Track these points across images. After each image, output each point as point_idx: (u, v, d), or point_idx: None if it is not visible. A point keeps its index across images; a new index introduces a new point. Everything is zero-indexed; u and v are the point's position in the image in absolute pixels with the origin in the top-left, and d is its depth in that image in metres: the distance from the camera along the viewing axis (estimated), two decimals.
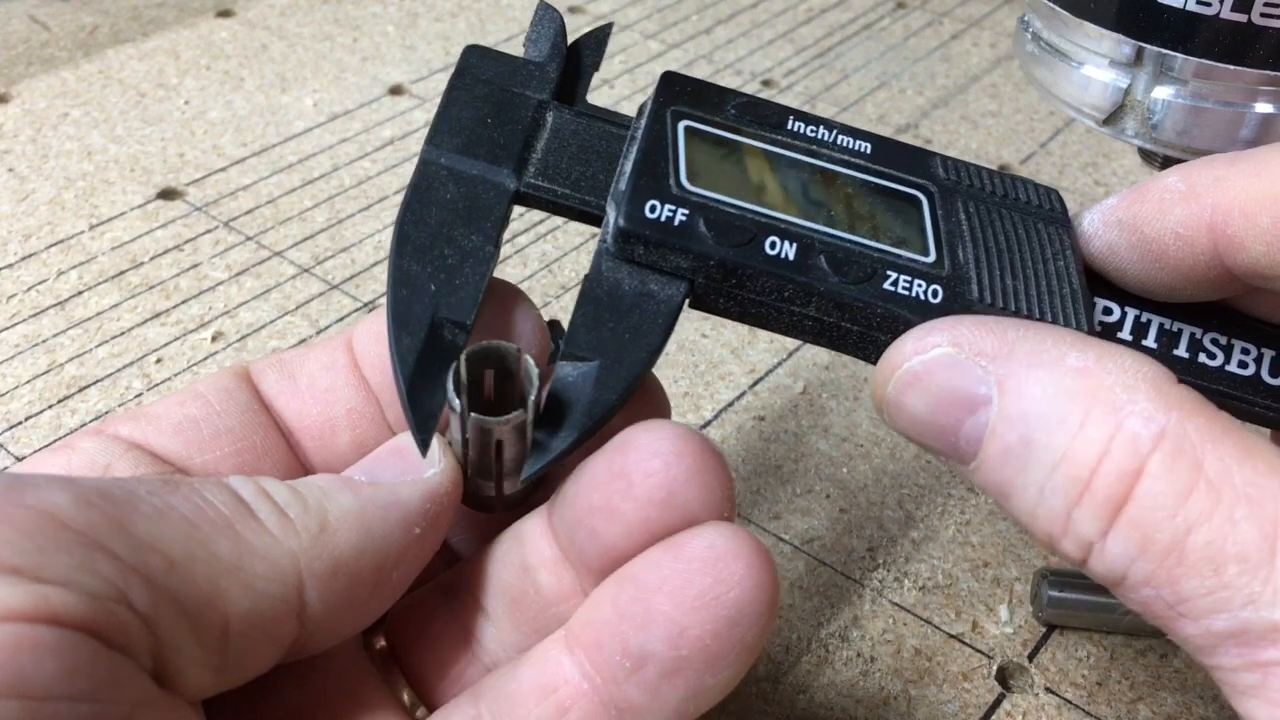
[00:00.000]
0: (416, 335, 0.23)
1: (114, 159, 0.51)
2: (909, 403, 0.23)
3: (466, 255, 0.24)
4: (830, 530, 0.36)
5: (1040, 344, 0.22)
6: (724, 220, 0.24)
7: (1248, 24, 0.31)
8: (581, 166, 0.26)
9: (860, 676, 0.32)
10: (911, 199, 0.26)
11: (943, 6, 0.65)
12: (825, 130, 0.26)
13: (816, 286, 0.24)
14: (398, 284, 0.24)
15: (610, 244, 0.24)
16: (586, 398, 0.23)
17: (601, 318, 0.24)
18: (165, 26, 0.62)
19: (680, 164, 0.25)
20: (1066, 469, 0.21)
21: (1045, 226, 0.26)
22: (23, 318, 0.43)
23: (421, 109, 0.55)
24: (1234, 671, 0.20)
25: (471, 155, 0.25)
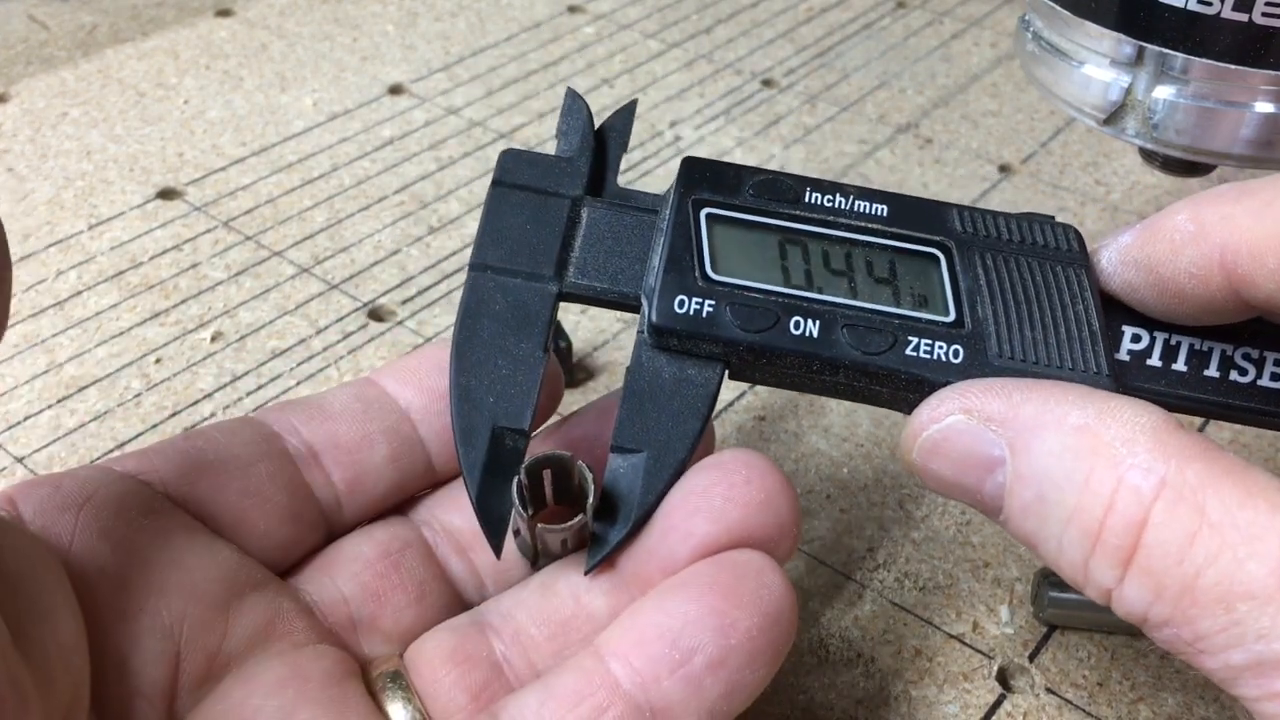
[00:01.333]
0: (480, 448, 0.25)
1: (113, 158, 0.51)
2: (934, 468, 0.24)
3: (519, 363, 0.26)
4: (830, 530, 0.36)
5: (1044, 405, 0.23)
6: (748, 306, 0.26)
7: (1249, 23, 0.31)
8: (617, 260, 0.27)
9: (860, 676, 0.32)
10: (930, 257, 0.27)
11: (943, 6, 0.65)
12: (842, 198, 0.28)
13: (842, 360, 0.25)
14: (460, 400, 0.26)
15: (648, 336, 0.26)
16: (638, 489, 0.25)
17: (645, 409, 0.26)
18: (164, 26, 0.62)
19: (705, 253, 0.26)
20: (1078, 523, 0.22)
21: (1064, 269, 0.26)
22: (22, 318, 0.43)
23: (421, 108, 0.55)
24: (1257, 701, 0.20)
25: (515, 266, 0.27)
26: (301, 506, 0.28)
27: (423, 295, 0.44)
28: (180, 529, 0.26)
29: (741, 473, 0.26)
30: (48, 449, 0.38)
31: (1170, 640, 0.21)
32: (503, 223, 0.27)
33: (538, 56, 0.60)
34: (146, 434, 0.38)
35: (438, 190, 0.50)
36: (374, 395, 0.29)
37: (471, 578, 0.29)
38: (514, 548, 0.27)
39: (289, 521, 0.27)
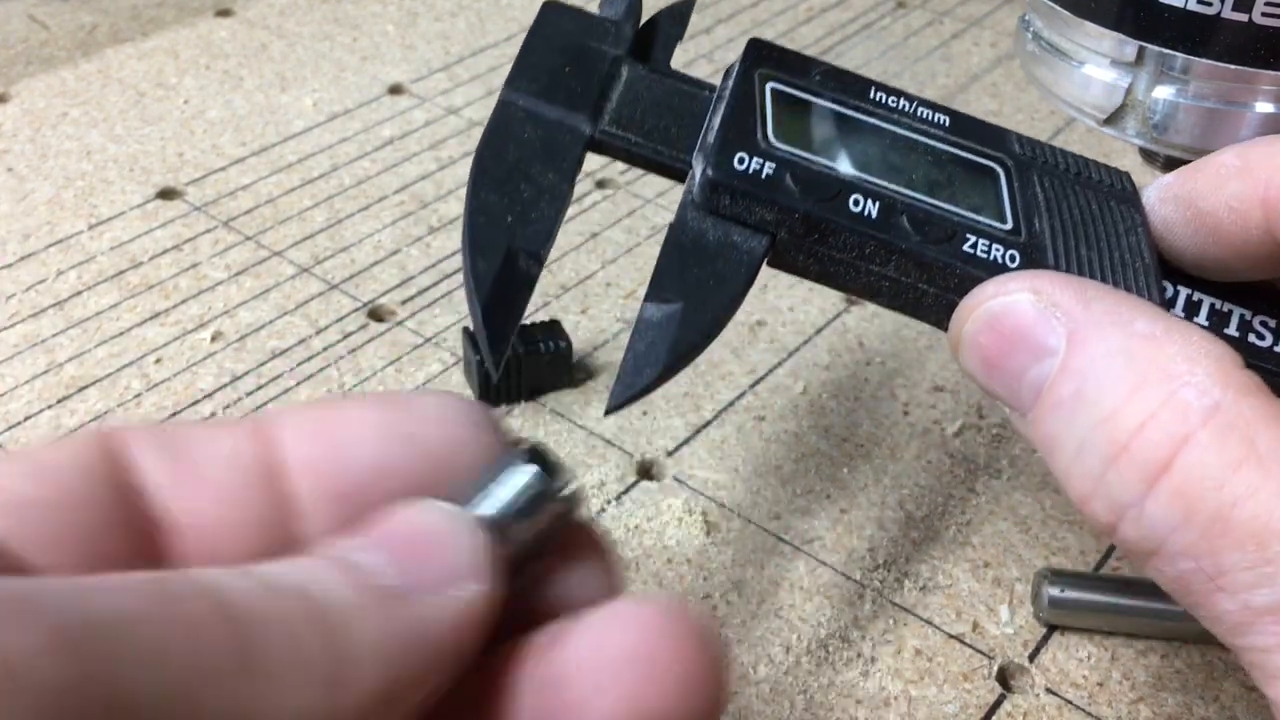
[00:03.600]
0: (493, 262, 0.24)
1: (113, 158, 0.51)
2: (982, 342, 0.23)
3: (542, 191, 0.25)
4: (830, 530, 0.36)
5: (1115, 306, 0.22)
6: (809, 176, 0.25)
7: (1249, 23, 0.31)
8: (654, 119, 0.26)
9: (860, 676, 0.32)
10: (988, 170, 0.26)
11: (943, 6, 0.65)
12: (906, 101, 0.27)
13: (898, 244, 0.24)
14: (475, 212, 0.25)
15: (696, 195, 0.25)
16: (671, 336, 0.24)
17: (685, 264, 0.24)
18: (164, 26, 0.62)
19: (768, 121, 0.25)
20: (1108, 429, 0.21)
21: (1118, 204, 0.26)
22: (22, 318, 0.43)
23: (421, 108, 0.55)
24: (1268, 653, 0.19)
25: (548, 100, 0.26)
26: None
27: (423, 295, 0.44)
28: None
29: (666, 646, 0.19)
30: None
31: (1185, 574, 0.20)
32: (539, 62, 0.27)
33: None
34: None
35: (438, 190, 0.50)
36: (262, 462, 0.21)
37: None
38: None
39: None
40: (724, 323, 0.25)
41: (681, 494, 0.37)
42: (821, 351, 0.42)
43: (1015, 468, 0.38)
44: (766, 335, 0.43)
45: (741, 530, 0.36)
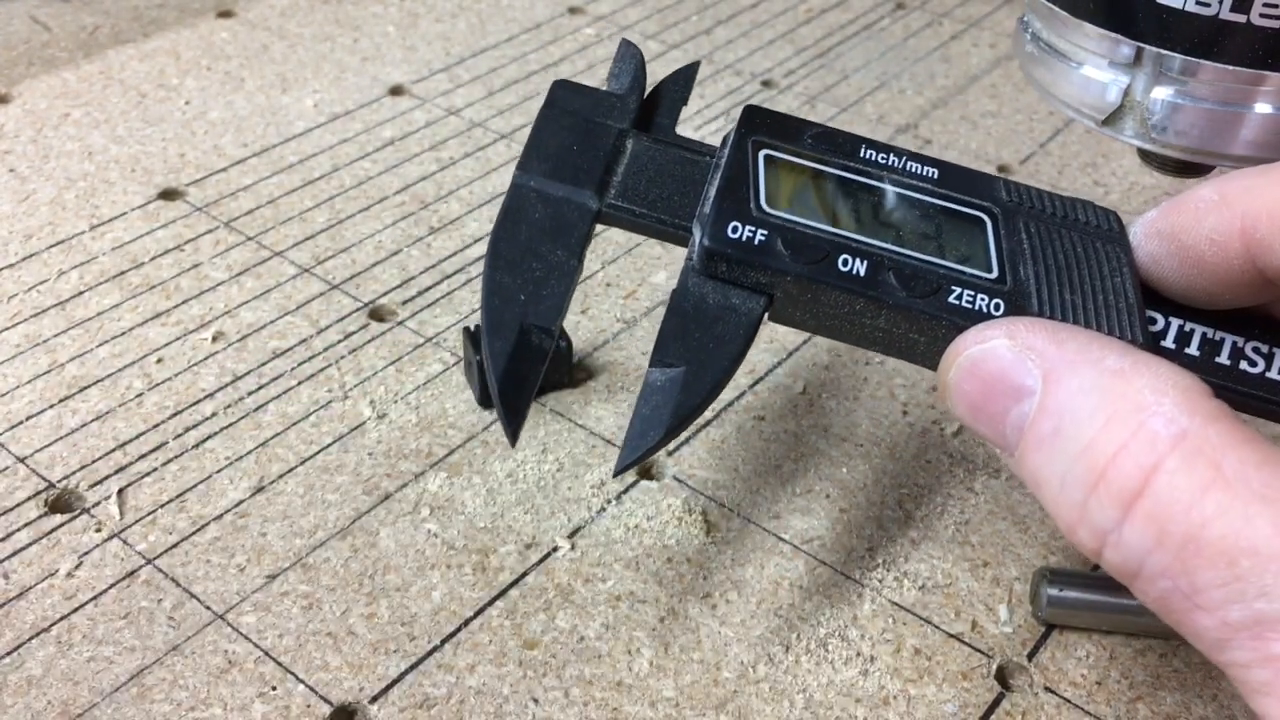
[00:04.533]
0: (508, 340, 0.26)
1: (115, 159, 0.51)
2: (966, 389, 0.24)
3: (552, 269, 0.27)
4: (830, 530, 0.36)
5: (1086, 345, 0.23)
6: (800, 239, 0.26)
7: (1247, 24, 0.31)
8: (659, 189, 0.28)
9: (860, 676, 0.32)
10: (976, 220, 0.27)
11: (942, 7, 0.65)
12: (895, 157, 0.28)
13: (886, 300, 0.26)
14: (491, 294, 0.26)
15: (696, 261, 0.26)
16: (674, 400, 0.25)
17: (687, 329, 0.26)
18: (166, 27, 0.62)
19: (760, 189, 0.27)
20: (1086, 459, 0.22)
21: (1103, 245, 0.27)
22: (24, 318, 0.43)
23: (421, 109, 0.55)
24: (1248, 668, 0.20)
25: (557, 179, 0.28)
26: None
27: (423, 295, 0.44)
28: None
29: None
30: (49, 449, 0.38)
31: (1165, 595, 0.21)
32: (548, 141, 0.28)
33: (538, 58, 0.60)
34: (148, 433, 0.38)
35: (438, 191, 0.50)
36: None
37: None
38: None
39: None
40: (724, 384, 0.26)
41: (681, 493, 0.37)
42: (821, 351, 0.42)
43: None
44: (766, 335, 0.43)
45: (741, 530, 0.36)
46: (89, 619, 0.33)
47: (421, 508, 0.36)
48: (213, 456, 0.38)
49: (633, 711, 0.31)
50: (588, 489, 0.37)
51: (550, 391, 0.40)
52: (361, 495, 0.37)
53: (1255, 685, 0.20)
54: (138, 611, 0.33)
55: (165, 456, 0.38)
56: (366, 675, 0.32)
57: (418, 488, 0.37)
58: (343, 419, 0.39)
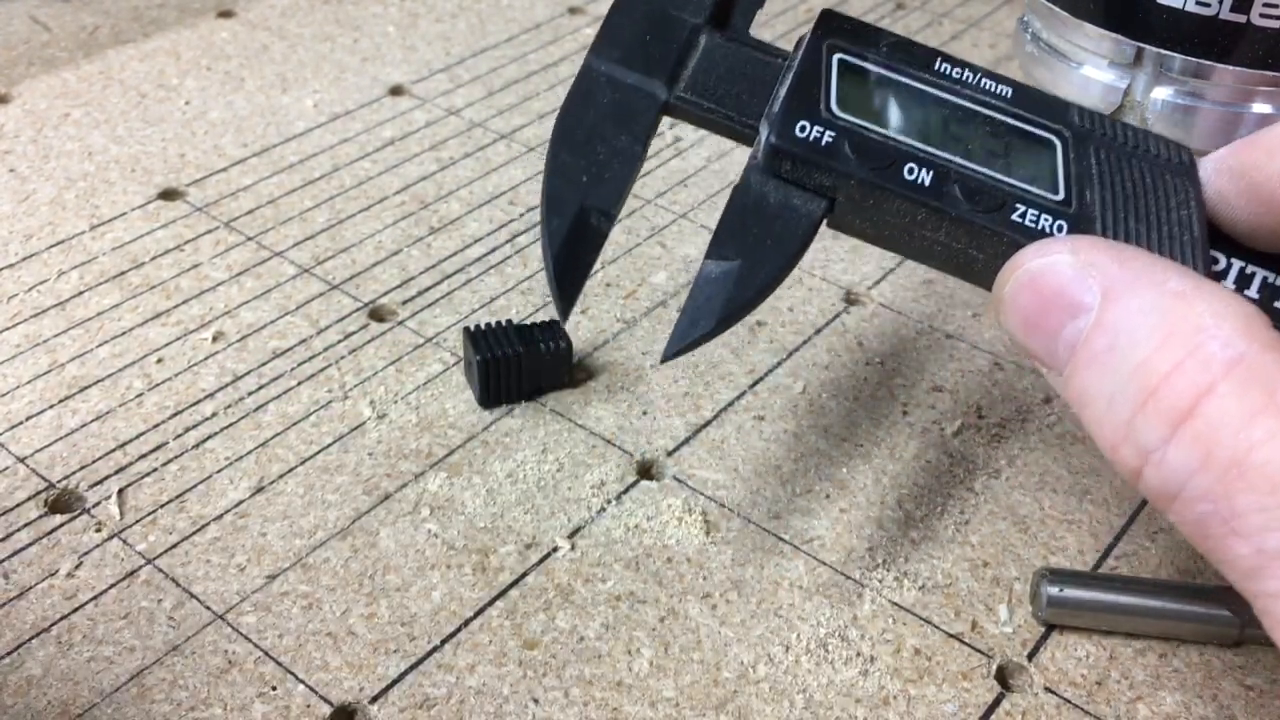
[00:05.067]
0: (566, 218, 0.26)
1: (115, 159, 0.51)
2: (1022, 301, 0.24)
3: (616, 153, 0.27)
4: (830, 530, 0.36)
5: (1149, 265, 0.23)
6: (867, 144, 0.26)
7: (1246, 24, 0.31)
8: (728, 86, 0.28)
9: (860, 676, 0.32)
10: (1045, 141, 0.27)
11: (942, 7, 0.65)
12: (970, 73, 0.28)
13: (949, 212, 0.26)
14: (553, 173, 0.26)
15: (761, 159, 0.26)
16: (728, 292, 0.25)
17: (746, 224, 0.26)
18: (166, 27, 0.62)
19: (832, 91, 0.27)
20: (1138, 378, 0.22)
21: (1172, 177, 0.27)
22: (24, 318, 0.43)
23: (422, 109, 0.55)
24: (1277, 598, 0.20)
25: (628, 66, 0.27)
26: None
27: (423, 295, 0.44)
28: None
29: None
30: (49, 449, 0.38)
31: (1203, 518, 0.21)
32: (622, 28, 0.28)
33: (538, 58, 0.60)
34: (148, 433, 0.38)
35: (438, 191, 0.50)
36: None
37: None
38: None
39: None
40: (779, 281, 0.26)
41: (681, 494, 0.37)
42: (821, 351, 0.42)
43: (1014, 468, 0.38)
44: (766, 335, 0.43)
45: (741, 530, 0.36)
46: (89, 619, 0.33)
47: (421, 508, 0.36)
48: (213, 456, 0.38)
49: (633, 711, 0.31)
50: (588, 489, 0.37)
51: (550, 391, 0.40)
52: (361, 495, 0.37)
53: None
54: (138, 611, 0.33)
55: (165, 456, 0.38)
56: (366, 675, 0.32)
57: (418, 488, 0.37)
58: (343, 419, 0.39)
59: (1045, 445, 0.39)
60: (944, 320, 0.44)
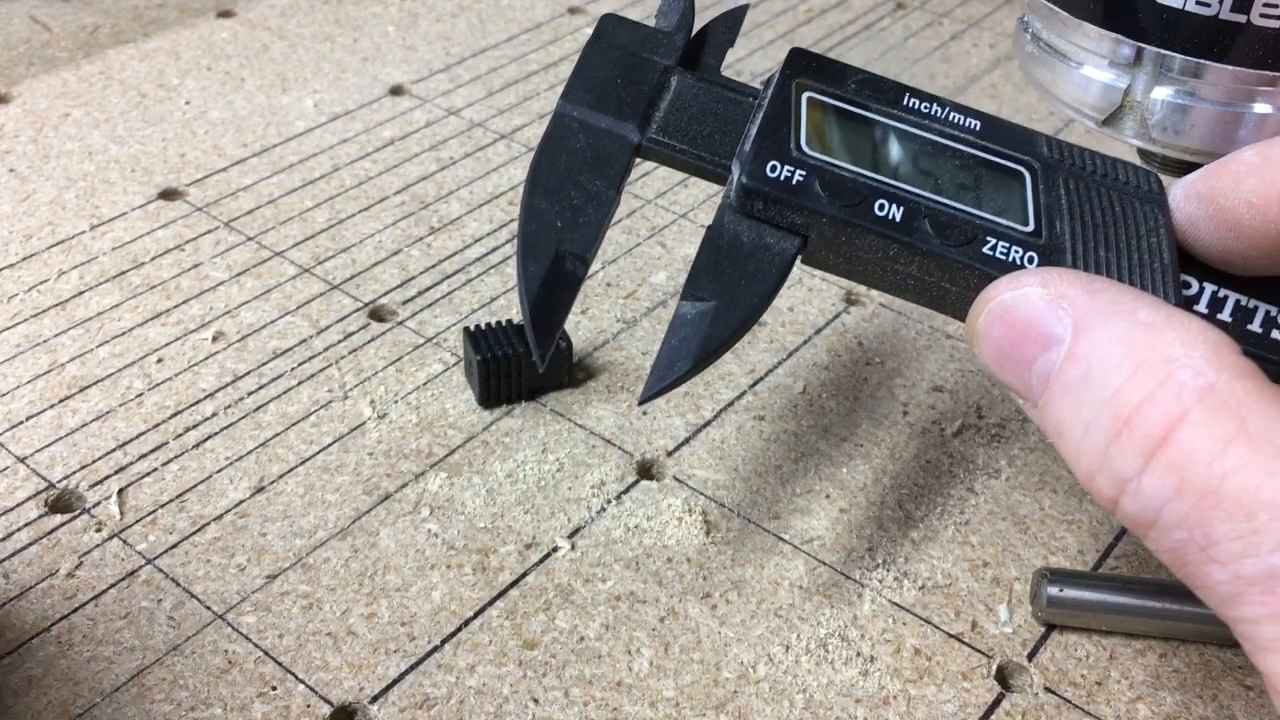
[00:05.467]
0: (542, 264, 0.26)
1: (115, 159, 0.51)
2: (995, 334, 0.24)
3: (590, 198, 0.27)
4: (830, 530, 0.36)
5: (1119, 296, 0.23)
6: (838, 182, 0.26)
7: (1247, 24, 0.31)
8: (700, 126, 0.28)
9: (860, 676, 0.32)
10: (1015, 173, 0.27)
11: (942, 7, 0.65)
12: (939, 107, 0.28)
13: (920, 247, 0.26)
14: (528, 219, 0.26)
15: (733, 199, 0.26)
16: (704, 333, 0.26)
17: (720, 264, 0.26)
18: (166, 27, 0.62)
19: (801, 130, 0.27)
20: (1112, 407, 0.22)
21: (1142, 205, 0.27)
22: (24, 318, 0.43)
23: (422, 109, 0.55)
24: (1256, 624, 0.20)
25: (600, 110, 0.28)
26: None
27: (423, 295, 0.44)
28: None
29: None
30: (50, 448, 0.38)
31: (1180, 545, 0.21)
32: (593, 73, 0.28)
33: (538, 58, 0.60)
34: (148, 433, 0.38)
35: (438, 191, 0.50)
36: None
37: None
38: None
39: None
40: (754, 320, 0.26)
41: (681, 494, 0.37)
42: (821, 351, 0.42)
43: (1014, 468, 0.38)
44: (766, 335, 0.43)
45: (741, 530, 0.36)
46: (89, 619, 0.33)
47: (421, 508, 0.36)
48: (213, 456, 0.38)
49: (633, 711, 0.31)
50: (588, 489, 0.37)
51: (550, 391, 0.40)
52: (361, 495, 0.37)
53: (1263, 641, 0.20)
54: (138, 611, 0.33)
55: (165, 456, 0.38)
56: (366, 675, 0.32)
57: (418, 488, 0.37)
58: (343, 419, 0.39)
59: (1045, 445, 0.39)
60: (944, 320, 0.44)
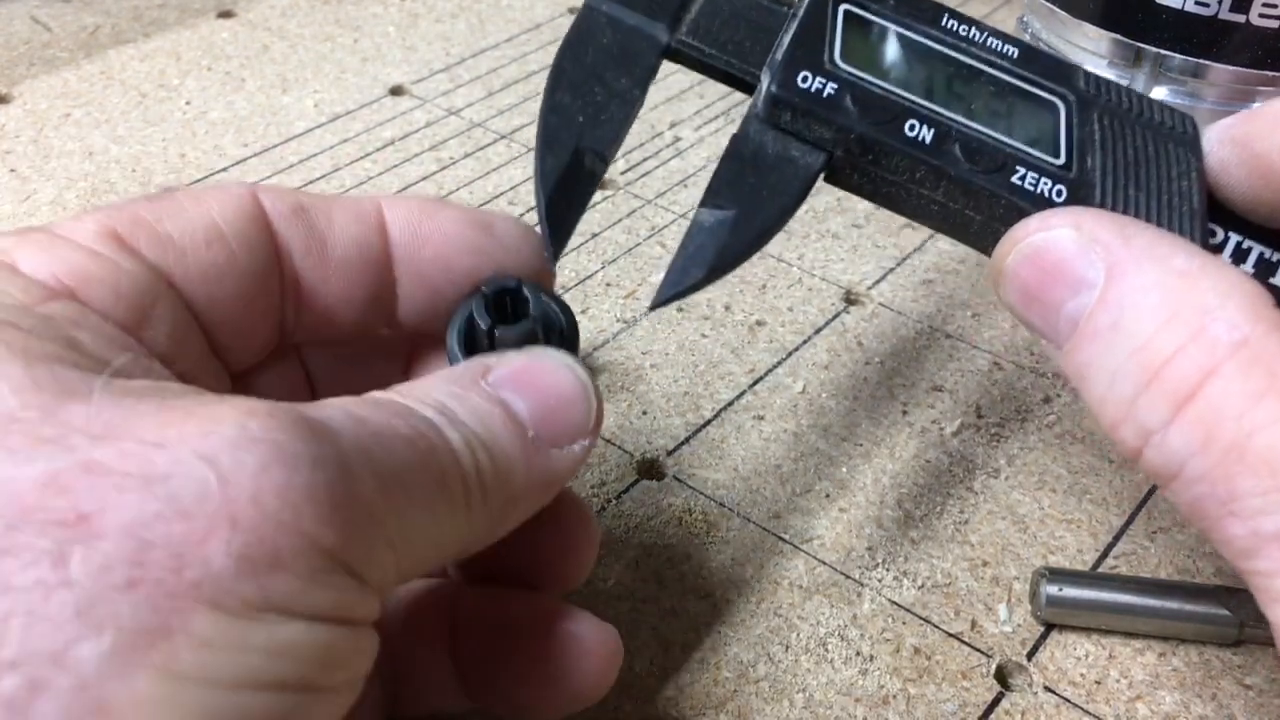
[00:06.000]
0: (560, 158, 0.26)
1: (115, 159, 0.52)
2: (1024, 275, 0.24)
3: (614, 95, 0.26)
4: (830, 530, 0.36)
5: (1154, 242, 0.23)
6: (869, 98, 0.26)
7: (1246, 24, 0.31)
8: (731, 32, 0.27)
9: (859, 675, 0.32)
10: (1049, 104, 0.27)
11: None
12: (977, 31, 0.28)
13: (948, 171, 0.25)
14: (549, 111, 0.26)
15: (761, 108, 0.26)
16: (720, 241, 0.25)
17: (743, 173, 0.26)
18: (166, 27, 0.62)
19: (836, 43, 0.26)
20: (1141, 357, 0.22)
21: (1175, 147, 0.27)
22: None
23: (422, 109, 0.55)
24: (1270, 577, 0.20)
25: (630, 6, 0.27)
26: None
27: None
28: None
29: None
30: None
31: (1200, 499, 0.21)
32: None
33: (538, 58, 0.60)
34: None
35: (439, 191, 0.50)
36: (376, 248, 0.27)
37: None
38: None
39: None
40: (772, 233, 0.26)
41: (681, 493, 0.37)
42: (820, 351, 0.42)
43: (1013, 467, 0.38)
44: (766, 335, 0.43)
45: (741, 529, 0.36)
46: None
47: None
48: None
49: (632, 711, 0.31)
50: (588, 489, 0.37)
51: None
52: None
53: (1275, 594, 0.20)
54: None
55: None
56: None
57: None
58: None
59: (1045, 445, 0.39)
60: (944, 320, 0.44)
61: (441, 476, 0.21)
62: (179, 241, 0.24)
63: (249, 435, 0.18)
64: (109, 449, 0.17)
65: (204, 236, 0.24)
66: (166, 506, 0.17)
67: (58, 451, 0.17)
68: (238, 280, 0.24)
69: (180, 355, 0.23)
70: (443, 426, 0.21)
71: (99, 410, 0.18)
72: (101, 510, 0.16)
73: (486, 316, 0.25)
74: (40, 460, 0.17)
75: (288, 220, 0.25)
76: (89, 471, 0.17)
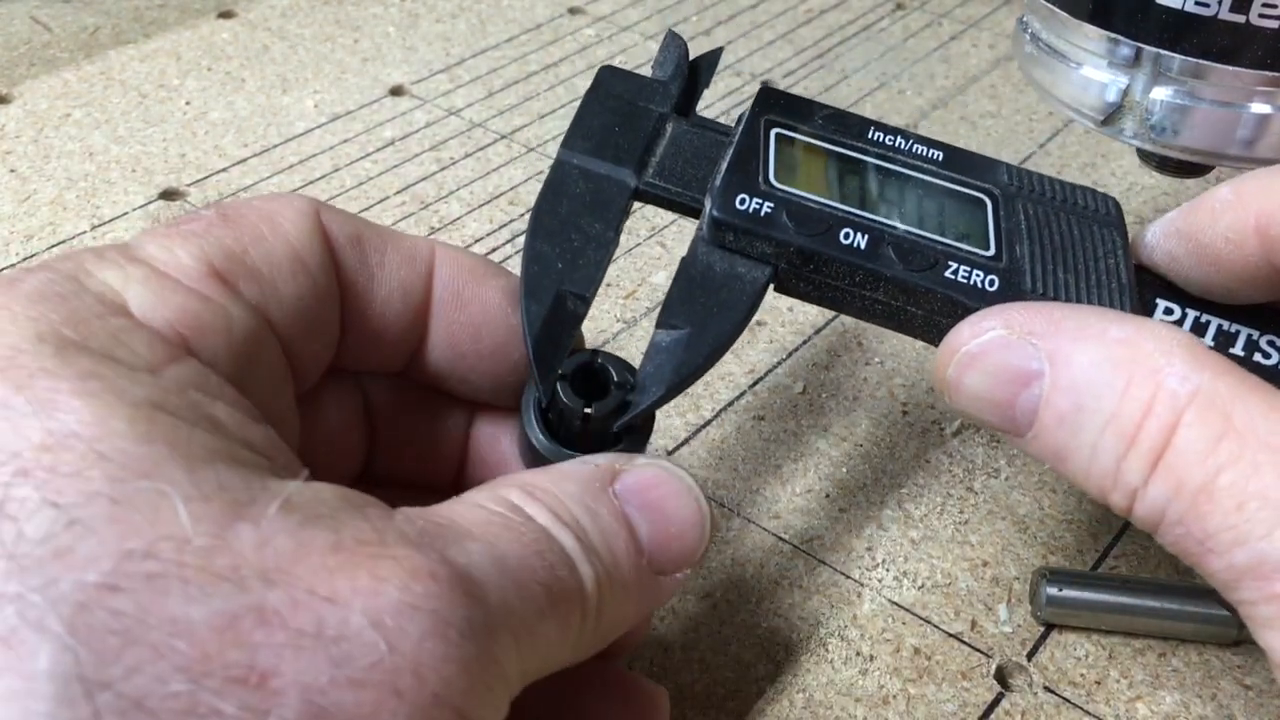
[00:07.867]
0: (543, 304, 0.27)
1: (115, 159, 0.52)
2: (968, 382, 0.25)
3: (590, 240, 0.28)
4: (830, 530, 0.36)
5: (1084, 320, 0.24)
6: (804, 213, 0.27)
7: (1245, 24, 0.31)
8: (691, 169, 0.29)
9: (859, 675, 0.32)
10: (976, 200, 0.29)
11: (942, 7, 0.65)
12: (902, 140, 0.30)
13: (884, 272, 0.27)
14: (530, 261, 0.27)
15: (705, 231, 0.27)
16: (677, 359, 0.26)
17: (694, 293, 0.27)
18: (167, 28, 0.62)
19: (769, 164, 0.28)
20: (1115, 427, 0.23)
21: (1099, 228, 0.28)
22: None
23: (422, 109, 0.55)
24: (1254, 605, 0.22)
25: (599, 157, 0.29)
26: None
27: None
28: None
29: None
30: None
31: (1181, 540, 0.22)
32: (593, 122, 0.29)
33: (538, 58, 0.60)
34: None
35: (439, 191, 0.50)
36: (420, 293, 0.27)
37: None
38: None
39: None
40: (726, 347, 0.27)
41: None
42: (820, 351, 0.42)
43: (1013, 467, 0.38)
44: (766, 335, 0.43)
45: (741, 529, 0.36)
46: None
47: None
48: None
49: None
50: None
51: None
52: None
53: (1261, 620, 0.22)
54: None
55: None
56: None
57: None
58: None
59: None
60: None
61: (568, 615, 0.22)
62: (268, 275, 0.23)
63: (412, 601, 0.18)
64: (281, 595, 0.17)
65: (289, 268, 0.24)
66: (340, 672, 0.17)
67: (233, 591, 0.17)
68: (318, 308, 0.25)
69: (274, 399, 0.23)
70: (577, 562, 0.22)
71: (268, 537, 0.18)
72: (279, 671, 0.17)
73: (577, 399, 0.26)
74: (216, 599, 0.17)
75: (346, 248, 0.26)
76: (264, 622, 0.17)
